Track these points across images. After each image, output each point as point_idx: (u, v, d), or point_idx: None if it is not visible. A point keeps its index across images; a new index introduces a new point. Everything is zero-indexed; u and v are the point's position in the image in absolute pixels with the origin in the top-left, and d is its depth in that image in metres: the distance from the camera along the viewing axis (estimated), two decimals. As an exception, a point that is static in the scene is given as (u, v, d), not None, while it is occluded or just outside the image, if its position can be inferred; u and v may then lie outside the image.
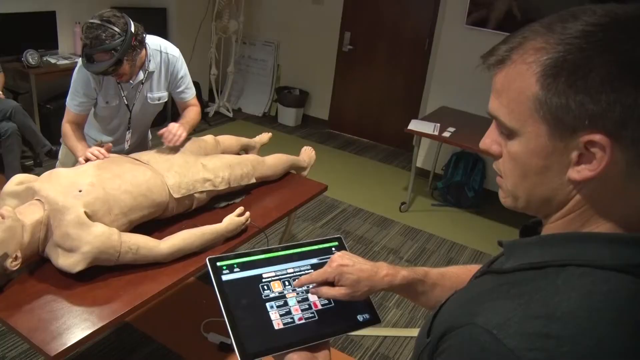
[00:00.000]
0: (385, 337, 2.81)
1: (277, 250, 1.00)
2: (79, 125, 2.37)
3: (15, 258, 1.63)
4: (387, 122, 5.54)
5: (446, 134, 3.86)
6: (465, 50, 4.43)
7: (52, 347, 1.47)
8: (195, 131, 5.26)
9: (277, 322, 0.91)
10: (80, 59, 2.17)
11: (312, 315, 0.94)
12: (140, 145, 2.66)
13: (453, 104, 4.58)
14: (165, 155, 2.19)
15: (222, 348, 2.54)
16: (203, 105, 5.67)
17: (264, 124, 5.78)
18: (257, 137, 3.02)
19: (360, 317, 0.98)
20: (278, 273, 0.97)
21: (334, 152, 5.22)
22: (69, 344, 1.48)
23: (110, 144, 2.21)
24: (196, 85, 5.39)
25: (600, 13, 0.60)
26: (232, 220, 2.08)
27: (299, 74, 5.88)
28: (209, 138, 2.58)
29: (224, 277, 0.92)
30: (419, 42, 5.10)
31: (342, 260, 0.96)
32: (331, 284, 0.95)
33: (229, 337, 0.86)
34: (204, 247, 1.99)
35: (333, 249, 1.06)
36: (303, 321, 0.93)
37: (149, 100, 2.43)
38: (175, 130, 2.28)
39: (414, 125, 3.98)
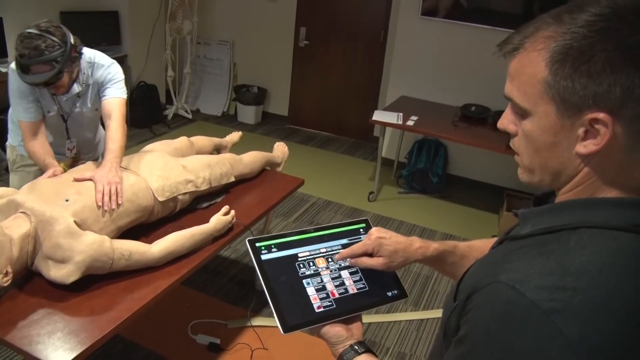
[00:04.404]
0: (370, 323, 2.88)
1: (310, 232, 1.07)
2: (40, 137, 2.20)
3: (6, 274, 1.59)
4: (347, 115, 5.62)
5: (410, 123, 3.95)
6: (421, 39, 4.55)
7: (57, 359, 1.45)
8: (156, 134, 5.22)
9: (314, 297, 0.97)
10: (13, 68, 2.04)
11: (346, 290, 1.01)
12: (91, 150, 2.59)
13: (413, 93, 4.69)
14: (145, 160, 2.16)
15: (212, 349, 2.54)
16: (161, 107, 5.59)
17: (223, 124, 5.75)
18: (228, 136, 3.02)
19: (389, 293, 1.05)
20: (312, 252, 1.04)
21: (296, 148, 5.24)
22: (75, 354, 1.46)
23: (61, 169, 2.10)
24: (153, 88, 5.40)
25: (603, 4, 0.67)
26: (219, 219, 2.08)
27: (256, 72, 5.86)
28: (183, 139, 2.57)
29: (263, 257, 0.99)
30: (374, 34, 5.19)
31: (379, 233, 1.04)
32: (370, 256, 1.03)
33: (271, 310, 0.93)
34: (194, 248, 1.99)
35: (361, 230, 1.13)
36: (337, 296, 0.99)
37: (85, 113, 2.31)
38: (108, 189, 1.89)
39: (378, 115, 4.06)
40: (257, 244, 1.00)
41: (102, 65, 2.24)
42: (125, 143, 2.18)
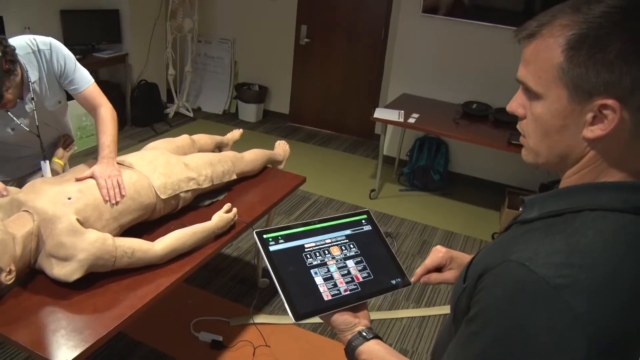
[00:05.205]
0: (372, 320, 2.88)
1: (315, 223, 1.10)
2: None
3: (10, 272, 1.59)
4: (348, 113, 5.62)
5: (411, 120, 3.95)
6: (422, 37, 4.55)
7: (61, 357, 1.45)
8: (157, 133, 5.23)
9: (322, 286, 1.00)
10: None
11: (352, 280, 1.04)
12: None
13: (414, 91, 4.69)
14: (147, 157, 2.16)
15: (214, 346, 2.55)
16: (162, 106, 5.59)
17: (225, 122, 5.75)
18: (229, 134, 3.02)
19: (393, 281, 1.08)
20: (318, 243, 1.06)
21: (297, 145, 5.25)
22: (78, 352, 1.47)
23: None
24: (154, 86, 5.39)
25: None
26: (221, 217, 2.09)
27: (257, 70, 5.86)
28: (184, 137, 2.57)
29: (271, 248, 1.01)
30: (375, 31, 5.19)
31: (445, 248, 1.11)
32: (438, 270, 1.10)
33: (282, 300, 0.96)
34: (196, 245, 2.00)
35: (363, 221, 1.15)
36: (344, 285, 1.02)
37: (49, 109, 2.09)
38: (110, 182, 1.88)
39: (379, 113, 4.06)
40: (265, 236, 1.02)
41: (46, 51, 1.96)
42: (117, 131, 2.07)
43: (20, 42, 1.92)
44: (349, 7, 5.21)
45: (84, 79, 2.07)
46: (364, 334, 0.97)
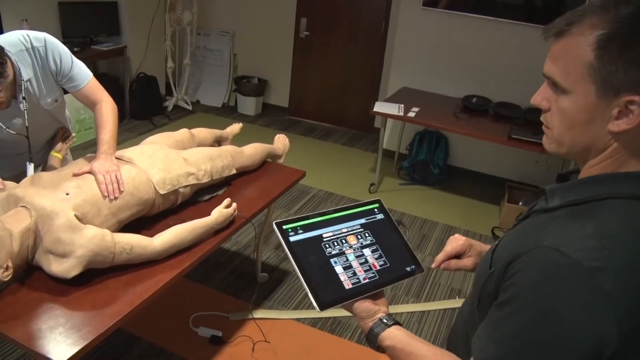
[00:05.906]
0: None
1: (330, 213, 1.11)
2: None
3: (7, 268, 1.57)
4: (348, 106, 5.59)
5: (411, 114, 3.93)
6: (422, 30, 4.52)
7: (60, 354, 1.44)
8: (156, 126, 5.20)
9: (342, 275, 1.02)
10: None
11: (370, 268, 1.06)
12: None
13: (414, 85, 4.67)
14: (146, 152, 2.14)
15: (214, 341, 2.54)
16: (161, 99, 5.57)
17: (224, 115, 5.73)
18: (229, 128, 3.00)
19: (408, 268, 1.10)
20: (335, 233, 1.08)
21: (297, 139, 5.23)
22: (77, 349, 1.46)
23: None
24: (153, 79, 5.36)
25: None
26: (220, 212, 2.07)
27: (257, 63, 5.83)
28: (184, 131, 2.55)
29: (291, 239, 1.03)
30: (376, 24, 5.16)
31: (465, 237, 1.15)
32: (457, 258, 1.14)
33: (305, 289, 0.98)
34: (196, 241, 1.98)
35: (375, 209, 1.18)
36: (363, 274, 1.05)
37: (45, 108, 2.02)
38: (109, 177, 1.87)
39: (379, 107, 4.04)
40: (284, 227, 1.03)
41: (40, 48, 1.88)
42: (117, 125, 2.04)
43: (12, 39, 1.84)
44: (349, 0, 5.18)
45: (83, 75, 2.01)
46: (385, 320, 0.99)
